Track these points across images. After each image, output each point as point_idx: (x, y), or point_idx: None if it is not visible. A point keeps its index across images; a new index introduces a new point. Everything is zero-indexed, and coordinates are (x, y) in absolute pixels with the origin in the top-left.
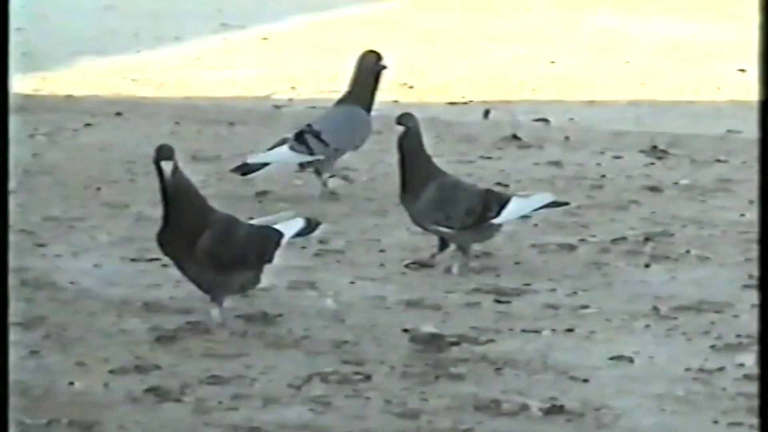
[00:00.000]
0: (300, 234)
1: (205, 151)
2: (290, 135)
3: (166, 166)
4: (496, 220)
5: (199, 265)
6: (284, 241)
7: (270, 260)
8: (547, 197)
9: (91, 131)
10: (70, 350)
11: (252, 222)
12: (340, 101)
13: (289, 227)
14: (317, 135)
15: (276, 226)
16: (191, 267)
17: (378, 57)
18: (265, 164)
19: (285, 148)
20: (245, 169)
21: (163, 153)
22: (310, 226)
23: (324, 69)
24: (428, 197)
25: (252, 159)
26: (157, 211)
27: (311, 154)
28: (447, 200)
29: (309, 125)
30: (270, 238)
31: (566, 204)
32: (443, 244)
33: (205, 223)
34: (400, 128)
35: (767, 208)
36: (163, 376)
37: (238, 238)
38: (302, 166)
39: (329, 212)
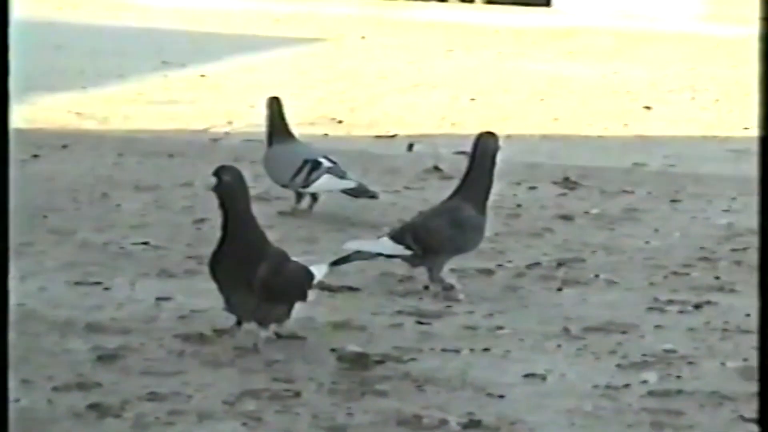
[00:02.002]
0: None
1: (145, 181)
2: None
3: (209, 180)
4: None
5: (249, 293)
6: (315, 282)
7: (304, 299)
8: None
9: (38, 162)
10: (16, 368)
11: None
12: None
13: (319, 271)
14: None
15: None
16: (240, 294)
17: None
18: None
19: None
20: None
21: (217, 171)
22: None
23: (258, 104)
24: None
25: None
26: (100, 237)
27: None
28: None
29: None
30: (307, 278)
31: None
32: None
33: (262, 255)
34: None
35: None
36: (104, 393)
37: (288, 272)
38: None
39: None
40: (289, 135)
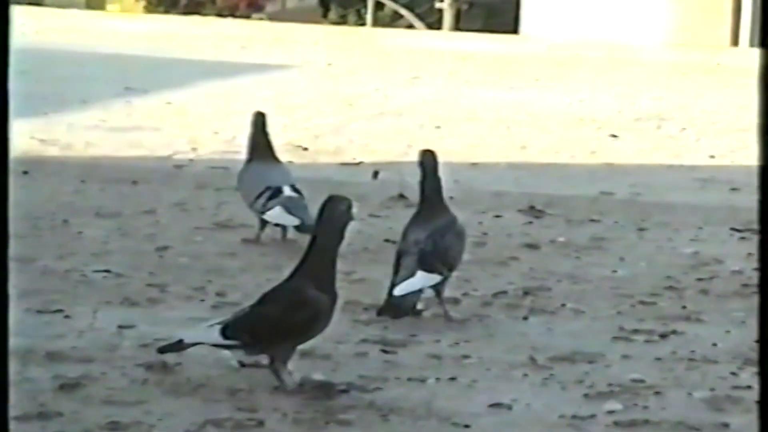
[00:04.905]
0: None
1: (108, 208)
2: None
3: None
4: None
5: (325, 323)
6: None
7: None
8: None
9: None
10: None
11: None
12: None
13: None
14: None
15: None
16: (320, 323)
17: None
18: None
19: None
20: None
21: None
22: None
23: (223, 131)
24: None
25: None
26: (62, 265)
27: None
28: None
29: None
30: None
31: None
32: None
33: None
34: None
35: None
36: (65, 422)
37: None
38: None
39: (227, 266)
40: (268, 154)
